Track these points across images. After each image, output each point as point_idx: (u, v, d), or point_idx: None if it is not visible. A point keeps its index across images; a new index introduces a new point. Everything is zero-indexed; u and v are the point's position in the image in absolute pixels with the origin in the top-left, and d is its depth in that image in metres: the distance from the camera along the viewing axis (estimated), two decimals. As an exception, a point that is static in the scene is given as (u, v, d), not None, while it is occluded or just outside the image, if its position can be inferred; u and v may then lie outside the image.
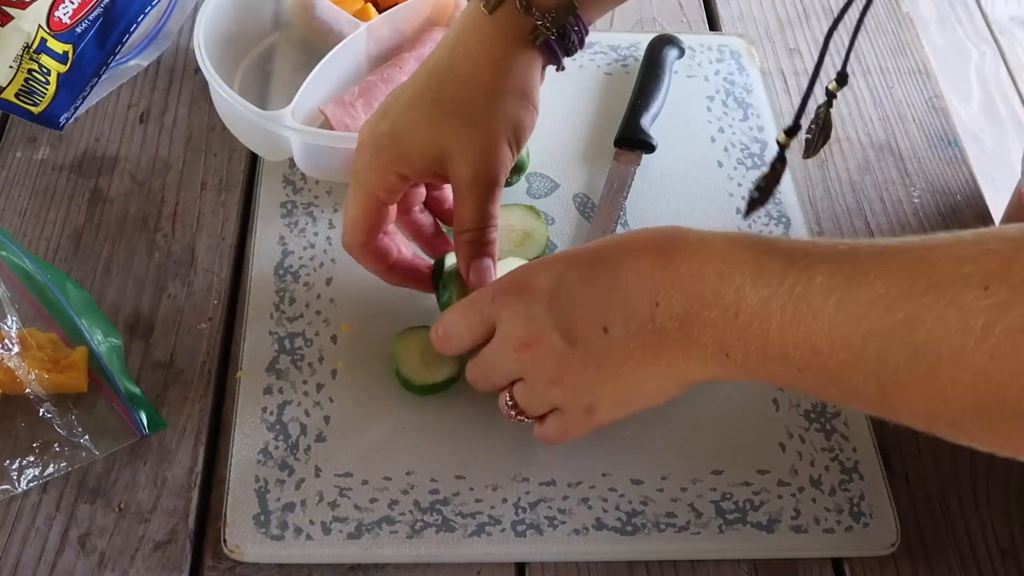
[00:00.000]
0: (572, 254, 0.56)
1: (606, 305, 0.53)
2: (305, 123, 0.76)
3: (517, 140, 0.63)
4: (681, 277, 0.51)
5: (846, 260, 0.47)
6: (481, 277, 0.63)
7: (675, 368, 0.53)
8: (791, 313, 0.47)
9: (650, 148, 0.81)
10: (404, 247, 0.68)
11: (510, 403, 0.59)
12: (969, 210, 0.81)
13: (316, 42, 0.84)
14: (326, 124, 0.77)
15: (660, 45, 0.87)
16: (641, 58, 0.87)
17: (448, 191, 0.69)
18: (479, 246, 0.63)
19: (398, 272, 0.67)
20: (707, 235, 0.52)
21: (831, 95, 0.63)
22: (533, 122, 0.64)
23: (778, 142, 0.65)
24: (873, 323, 0.45)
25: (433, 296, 0.67)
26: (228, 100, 0.74)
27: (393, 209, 0.65)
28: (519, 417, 0.59)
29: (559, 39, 0.63)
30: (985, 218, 0.81)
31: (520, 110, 0.63)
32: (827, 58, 0.63)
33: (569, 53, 0.65)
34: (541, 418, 0.59)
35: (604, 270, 0.54)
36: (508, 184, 0.78)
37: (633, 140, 0.81)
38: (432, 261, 0.69)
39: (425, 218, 0.70)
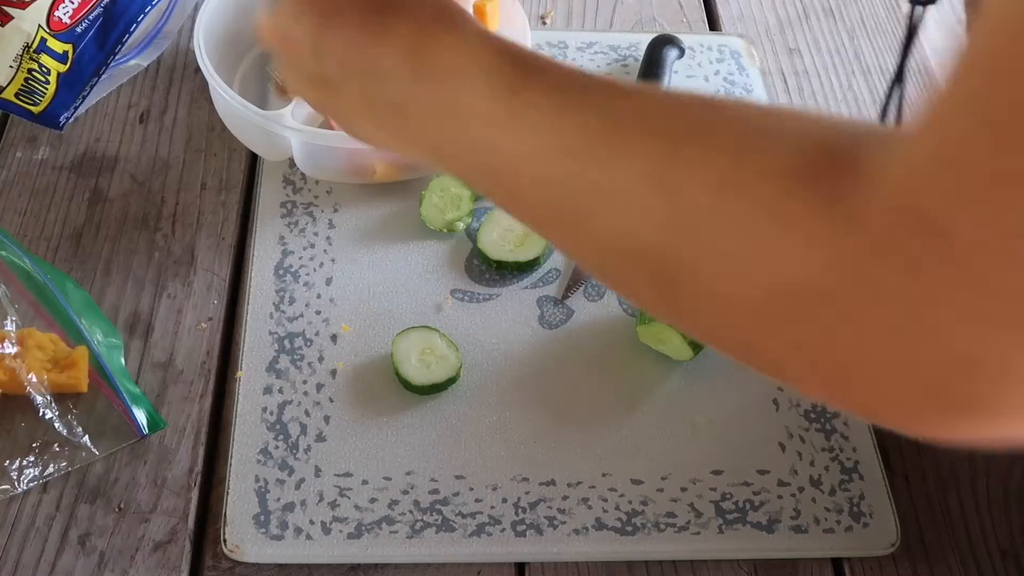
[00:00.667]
0: None
1: (354, 47, 0.51)
2: (305, 123, 0.75)
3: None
4: (427, 59, 0.48)
5: (575, 87, 0.45)
6: None
7: (389, 134, 0.52)
8: (506, 124, 0.45)
9: None
10: None
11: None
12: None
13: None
14: (326, 124, 0.76)
15: (660, 45, 0.87)
16: (641, 58, 0.87)
17: None
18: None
19: None
20: (474, 26, 0.50)
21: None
22: None
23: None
24: (569, 150, 0.43)
25: (434, 296, 0.67)
26: (228, 100, 0.74)
27: None
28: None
29: None
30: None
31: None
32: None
33: None
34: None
35: (375, 12, 0.51)
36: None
37: None
38: None
39: None
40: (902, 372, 0.33)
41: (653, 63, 0.85)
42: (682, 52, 0.87)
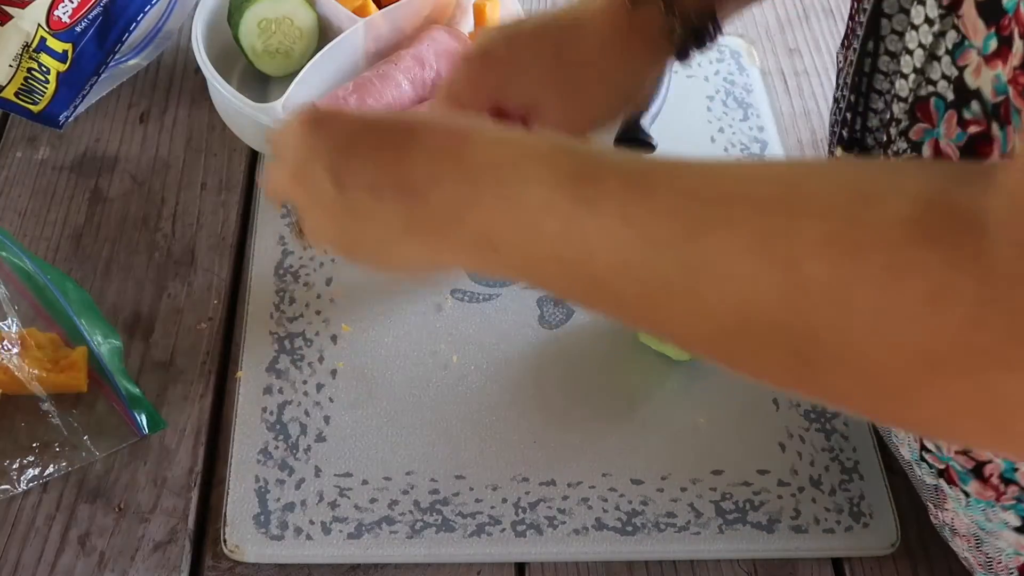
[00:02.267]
0: (381, 113, 0.55)
1: (384, 167, 0.50)
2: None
3: (608, 121, 0.66)
4: (471, 163, 0.48)
5: (638, 171, 0.44)
6: None
7: (432, 248, 0.51)
8: (572, 212, 0.45)
9: (650, 148, 0.81)
10: None
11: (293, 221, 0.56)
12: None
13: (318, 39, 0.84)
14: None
15: None
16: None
17: None
18: None
19: None
20: (508, 130, 0.51)
21: None
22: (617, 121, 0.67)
23: None
24: (651, 232, 0.42)
25: (434, 296, 0.67)
26: (222, 91, 0.74)
27: None
28: (305, 240, 0.57)
29: (694, 40, 0.64)
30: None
31: (612, 114, 0.67)
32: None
33: (701, 51, 0.65)
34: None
35: (399, 134, 0.51)
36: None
37: (633, 140, 0.81)
38: None
39: None
40: None
41: None
42: None
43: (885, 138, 0.55)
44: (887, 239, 0.35)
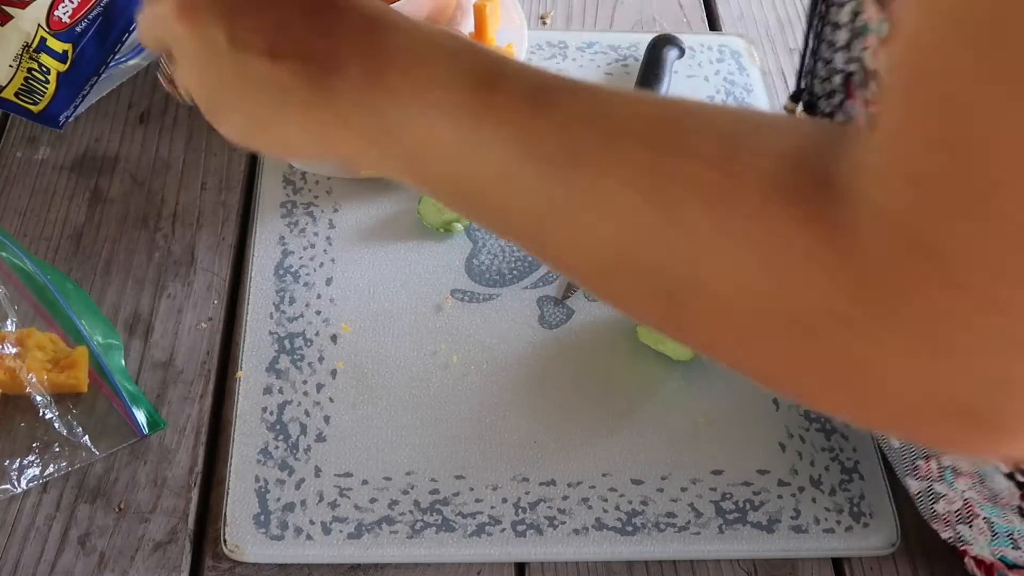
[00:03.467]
0: None
1: (290, 32, 0.46)
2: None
3: None
4: (379, 45, 0.45)
5: (538, 85, 0.42)
6: None
7: (321, 129, 0.46)
8: (468, 118, 0.42)
9: None
10: None
11: (166, 69, 0.52)
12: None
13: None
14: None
15: (660, 45, 0.87)
16: (641, 58, 0.87)
17: None
18: None
19: None
20: (422, 23, 0.46)
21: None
22: None
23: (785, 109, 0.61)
24: (541, 151, 0.40)
25: (434, 296, 0.67)
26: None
27: None
28: (172, 87, 0.52)
29: None
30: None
31: None
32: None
33: None
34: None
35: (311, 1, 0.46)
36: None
37: None
38: None
39: None
40: (925, 393, 0.33)
41: (653, 63, 0.85)
42: (682, 52, 0.87)
43: (829, 109, 0.55)
44: (753, 194, 0.35)
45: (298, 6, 0.46)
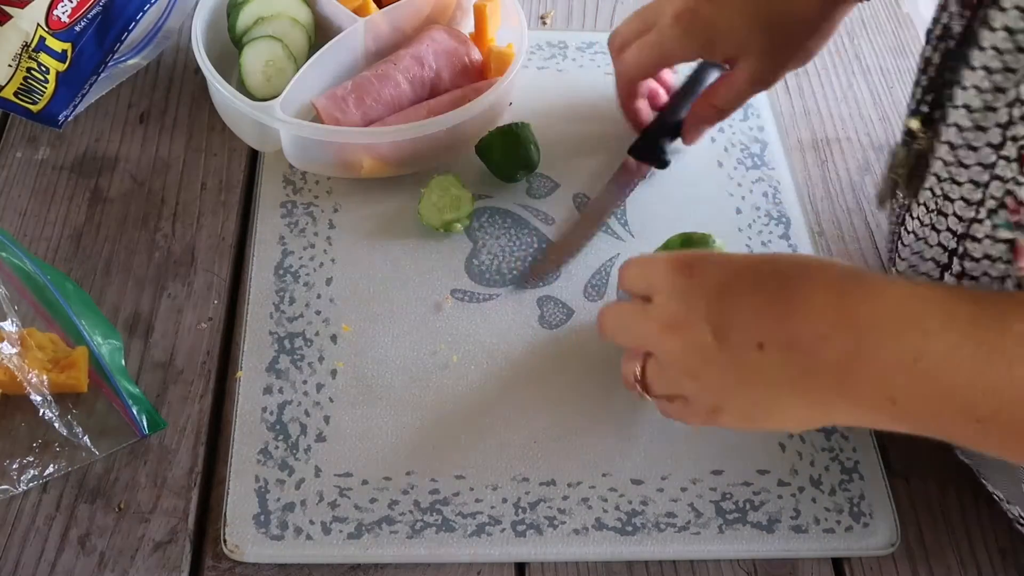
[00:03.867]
0: (749, 259, 0.56)
1: (769, 323, 0.52)
2: (298, 115, 0.76)
3: (793, 70, 0.75)
4: (857, 317, 0.50)
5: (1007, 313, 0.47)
6: (694, 139, 0.79)
7: (824, 406, 0.52)
8: (982, 362, 0.46)
9: (663, 165, 0.80)
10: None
11: (638, 376, 0.57)
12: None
13: (316, 37, 0.84)
14: (317, 118, 0.77)
15: (706, 68, 0.83)
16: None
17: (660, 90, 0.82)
18: (712, 120, 0.77)
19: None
20: (888, 279, 0.52)
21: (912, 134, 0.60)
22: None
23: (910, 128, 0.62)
24: None
25: (434, 296, 0.67)
26: (222, 91, 0.74)
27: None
28: (642, 392, 0.58)
29: None
30: (985, 218, 0.81)
31: (814, 50, 0.74)
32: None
33: None
34: (667, 396, 0.58)
35: (777, 288, 0.53)
36: (514, 181, 0.79)
37: (649, 154, 0.80)
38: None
39: (645, 107, 0.81)
40: None
41: (695, 83, 0.82)
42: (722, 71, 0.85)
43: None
44: None
45: (766, 297, 0.52)
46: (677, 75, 0.84)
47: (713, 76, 0.84)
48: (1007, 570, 0.63)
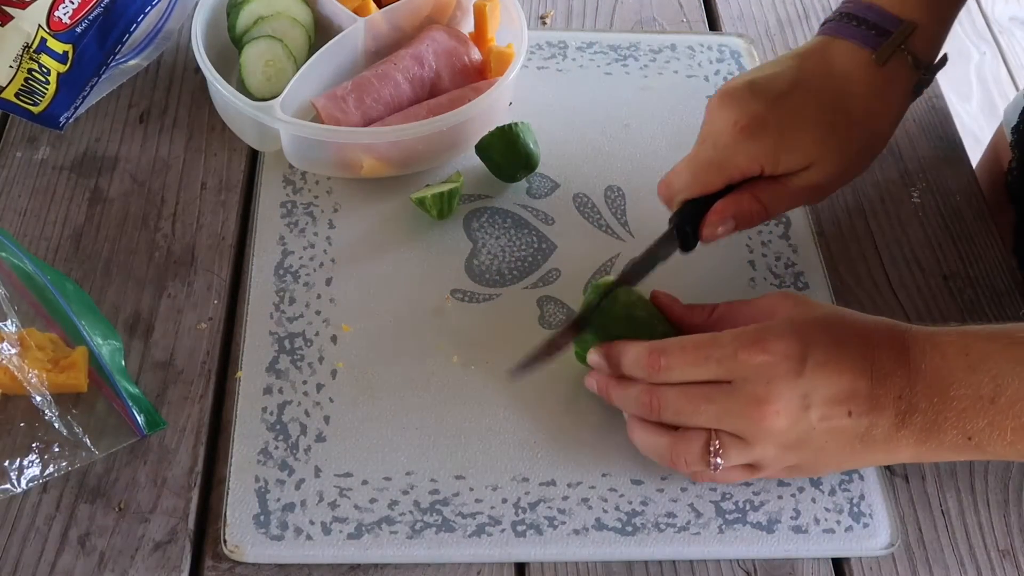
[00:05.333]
0: (809, 322, 0.59)
1: (853, 390, 0.56)
2: (298, 115, 0.76)
3: (847, 183, 0.73)
4: (923, 373, 0.56)
5: None
6: (713, 235, 0.67)
7: (898, 451, 0.58)
8: None
9: (694, 242, 0.70)
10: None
11: (715, 452, 0.59)
12: (969, 210, 0.81)
13: (316, 37, 0.84)
14: (317, 118, 0.77)
15: None
16: (640, 58, 0.87)
17: None
18: (750, 220, 0.68)
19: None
20: (930, 331, 0.58)
21: None
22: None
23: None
24: None
25: (434, 296, 0.67)
26: (222, 91, 0.75)
27: None
28: (716, 465, 0.59)
29: (928, 79, 0.71)
30: (985, 218, 0.81)
31: (876, 155, 0.72)
32: None
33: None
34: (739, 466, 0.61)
35: (849, 354, 0.57)
36: (514, 181, 0.79)
37: (687, 228, 0.69)
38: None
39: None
40: None
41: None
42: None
43: None
44: None
45: (840, 365, 0.56)
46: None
47: None
48: (1006, 570, 0.63)
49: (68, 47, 0.78)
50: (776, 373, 0.56)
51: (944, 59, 0.71)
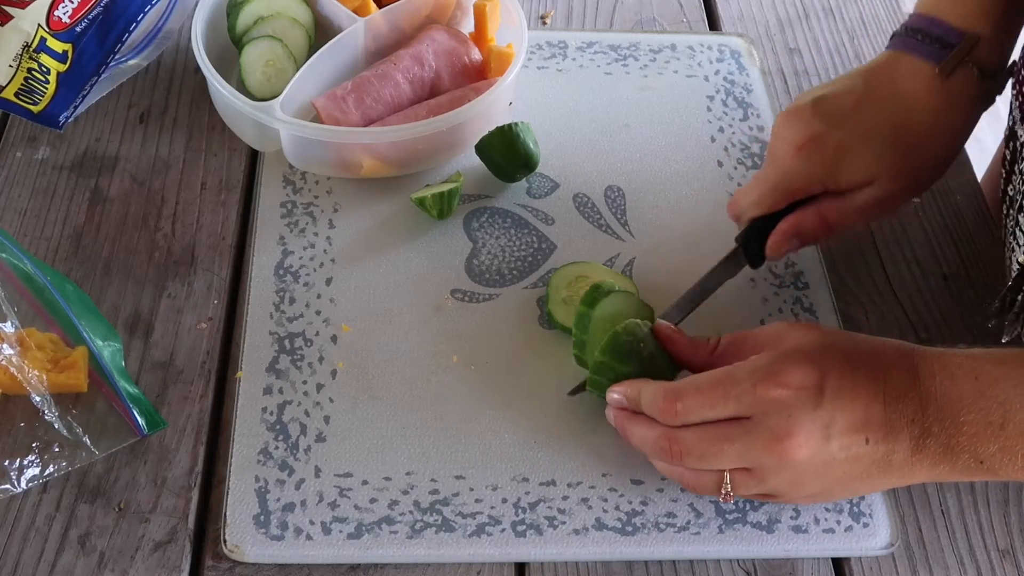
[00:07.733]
0: (821, 349, 0.58)
1: (867, 417, 0.56)
2: (298, 115, 0.76)
3: (917, 196, 0.74)
4: (934, 396, 0.56)
5: None
6: (780, 252, 0.69)
7: (913, 475, 0.58)
8: None
9: (761, 260, 0.72)
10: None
11: (728, 489, 0.59)
12: (969, 210, 0.81)
13: (316, 37, 0.84)
14: (317, 118, 0.77)
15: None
16: (640, 58, 0.87)
17: None
18: (813, 236, 0.69)
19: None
20: (939, 352, 0.58)
21: None
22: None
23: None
24: None
25: (434, 296, 0.67)
26: (222, 91, 0.75)
27: None
28: (729, 497, 0.60)
29: (996, 90, 0.70)
30: (985, 219, 0.81)
31: (947, 167, 0.71)
32: None
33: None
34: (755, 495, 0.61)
35: (862, 377, 0.56)
36: (514, 181, 0.79)
37: (753, 244, 0.70)
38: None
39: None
40: None
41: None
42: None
43: None
44: None
45: (856, 393, 0.56)
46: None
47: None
48: (1006, 570, 0.63)
49: (68, 46, 0.78)
50: (795, 405, 0.56)
51: (1013, 65, 0.70)
